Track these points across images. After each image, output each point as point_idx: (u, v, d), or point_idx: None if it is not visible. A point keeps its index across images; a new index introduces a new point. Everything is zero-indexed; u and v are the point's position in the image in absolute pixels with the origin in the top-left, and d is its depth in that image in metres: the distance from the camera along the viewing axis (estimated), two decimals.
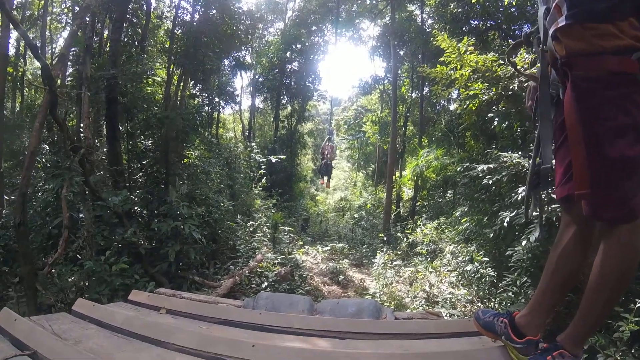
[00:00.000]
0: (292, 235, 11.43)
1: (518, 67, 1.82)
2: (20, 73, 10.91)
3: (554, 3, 1.30)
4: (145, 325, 1.73)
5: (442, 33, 7.17)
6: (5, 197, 4.89)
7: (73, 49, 6.15)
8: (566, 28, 1.26)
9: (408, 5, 13.96)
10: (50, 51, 11.19)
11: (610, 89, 1.20)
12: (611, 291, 1.29)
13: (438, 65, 7.21)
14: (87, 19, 5.27)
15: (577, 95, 1.26)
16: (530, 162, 1.64)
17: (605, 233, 1.29)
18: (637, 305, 2.70)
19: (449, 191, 11.71)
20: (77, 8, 5.41)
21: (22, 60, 11.16)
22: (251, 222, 10.42)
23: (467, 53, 6.38)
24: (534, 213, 1.81)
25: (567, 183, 1.40)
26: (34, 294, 3.31)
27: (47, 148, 6.20)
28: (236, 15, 11.38)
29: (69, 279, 3.88)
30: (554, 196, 1.59)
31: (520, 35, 1.58)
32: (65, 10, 11.30)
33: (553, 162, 1.52)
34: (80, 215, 4.40)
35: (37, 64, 13.26)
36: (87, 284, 4.04)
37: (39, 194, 5.45)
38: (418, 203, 13.26)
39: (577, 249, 1.44)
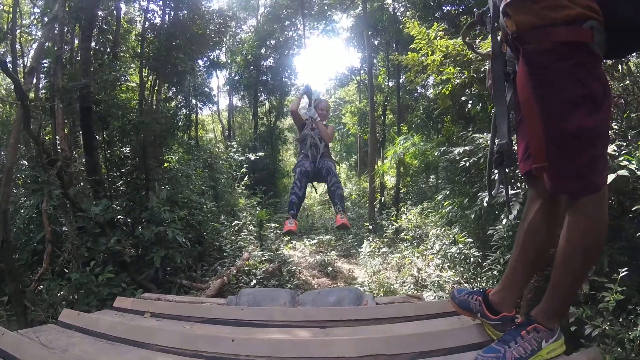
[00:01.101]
0: (278, 231, 11.46)
1: (474, 47, 1.83)
2: None
3: None
4: (129, 329, 1.77)
5: (413, 20, 7.24)
6: None
7: (44, 61, 6.05)
8: (515, 2, 1.26)
9: None
10: (22, 64, 10.92)
11: (562, 60, 1.19)
12: (579, 264, 1.32)
13: (409, 53, 7.29)
14: (56, 29, 5.17)
15: (530, 70, 1.26)
16: (489, 141, 1.67)
17: (570, 206, 1.31)
18: (621, 275, 2.78)
19: (432, 176, 11.87)
20: (46, 19, 5.30)
21: None
22: (236, 222, 10.42)
23: (438, 39, 6.46)
24: (501, 191, 1.86)
25: (529, 159, 1.40)
26: (24, 311, 3.30)
27: (26, 164, 6.10)
28: (207, 15, 11.26)
29: (58, 294, 3.87)
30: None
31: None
32: (35, 22, 11.03)
33: (513, 138, 1.54)
34: (64, 229, 4.37)
35: (9, 79, 13.02)
36: (76, 297, 4.03)
37: (22, 210, 5.38)
38: (402, 190, 13.42)
39: (544, 224, 1.47)
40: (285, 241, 11.25)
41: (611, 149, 3.30)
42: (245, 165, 14.20)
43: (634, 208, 3.00)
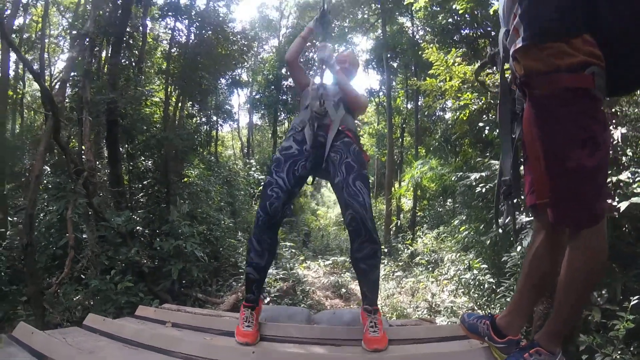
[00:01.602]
0: (293, 250, 11.47)
1: (486, 84, 1.96)
2: (19, 95, 11.03)
3: (512, 25, 1.40)
4: (153, 337, 1.84)
5: (431, 46, 7.35)
6: (8, 218, 4.99)
7: (72, 74, 6.32)
8: (524, 49, 1.34)
9: (398, 17, 14.22)
10: (49, 73, 11.37)
11: (566, 105, 1.27)
12: (579, 291, 1.38)
13: (427, 78, 7.39)
14: (86, 44, 5.43)
15: (535, 112, 1.35)
16: (491, 184, 1.75)
17: (571, 237, 1.38)
18: (632, 303, 2.77)
19: (449, 200, 11.80)
20: (74, 32, 5.58)
21: (21, 82, 11.28)
22: None
23: (456, 64, 6.54)
24: (509, 222, 1.92)
25: (534, 193, 1.49)
26: (42, 313, 3.40)
27: (49, 170, 6.34)
28: (231, 37, 11.63)
29: (74, 298, 3.97)
30: None
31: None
32: (63, 33, 11.55)
33: (521, 170, 1.62)
34: (84, 236, 4.51)
35: (35, 86, 13.55)
36: (91, 302, 4.13)
37: (41, 215, 5.57)
38: (419, 213, 13.34)
39: (548, 253, 1.54)
40: (300, 260, 11.26)
41: (625, 176, 3.31)
42: (262, 183, 14.37)
43: None
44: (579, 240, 1.35)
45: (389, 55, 14.26)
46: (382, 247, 11.57)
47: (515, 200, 1.68)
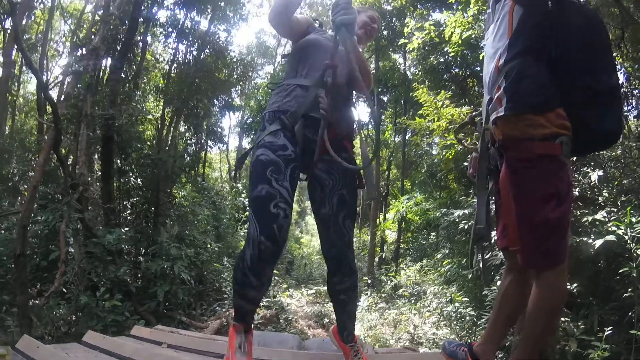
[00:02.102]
0: (276, 278, 11.42)
1: (463, 142, 2.21)
2: (14, 97, 10.96)
3: (496, 95, 1.61)
4: (152, 356, 1.90)
5: (422, 86, 7.69)
6: None
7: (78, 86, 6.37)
8: (504, 117, 1.55)
9: (391, 54, 14.74)
10: (45, 78, 11.32)
11: (536, 167, 1.50)
12: (542, 325, 1.57)
13: (417, 117, 7.70)
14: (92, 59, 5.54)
15: (510, 172, 1.58)
16: (473, 221, 1.95)
17: (536, 277, 1.58)
18: (606, 334, 3.01)
19: (432, 233, 11.99)
20: (82, 50, 5.68)
21: (15, 84, 11.21)
22: None
23: (444, 106, 6.85)
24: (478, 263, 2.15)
25: (505, 237, 1.73)
26: (29, 324, 3.37)
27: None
28: (231, 64, 11.90)
29: (56, 312, 3.93)
30: None
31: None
32: (64, 39, 11.60)
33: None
34: (71, 250, 4.49)
35: (29, 88, 13.50)
36: (74, 318, 4.10)
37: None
38: (402, 246, 13.48)
39: (516, 290, 1.75)
40: (283, 289, 11.19)
41: (600, 215, 3.56)
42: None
43: (620, 270, 3.20)
44: (543, 280, 1.55)
45: (379, 90, 14.68)
46: (365, 278, 11.64)
47: (487, 243, 1.89)
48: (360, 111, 2.15)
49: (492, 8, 1.79)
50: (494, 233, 2.07)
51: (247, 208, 1.74)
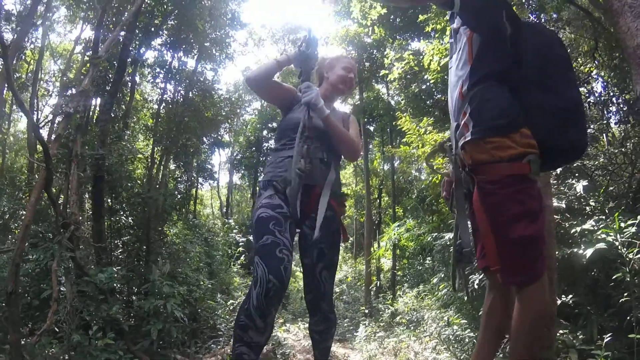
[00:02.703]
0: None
1: (434, 168, 2.29)
2: (4, 136, 10.97)
3: (462, 121, 1.70)
4: None
5: (405, 115, 7.91)
6: None
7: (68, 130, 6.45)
8: (472, 142, 1.64)
9: (375, 84, 15.17)
10: (35, 117, 11.38)
11: (506, 188, 1.57)
12: (527, 338, 1.60)
13: (401, 145, 7.90)
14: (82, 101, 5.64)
15: (482, 195, 1.63)
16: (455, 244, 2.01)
17: (517, 293, 1.63)
18: (605, 341, 3.02)
19: (428, 258, 11.95)
20: (72, 91, 5.80)
21: (6, 122, 11.28)
22: (231, 301, 10.25)
23: (427, 133, 7.03)
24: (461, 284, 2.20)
25: (484, 257, 1.77)
26: None
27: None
28: (218, 103, 12.15)
29: (50, 352, 3.83)
30: None
31: None
32: (54, 79, 11.78)
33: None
34: (62, 289, 4.43)
35: (19, 127, 13.56)
36: (66, 357, 3.99)
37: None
38: (399, 273, 13.40)
39: (499, 308, 1.79)
40: (280, 323, 10.96)
41: (589, 224, 3.63)
42: (241, 244, 14.27)
43: (614, 276, 3.25)
44: (524, 295, 1.60)
45: (365, 120, 15.02)
46: (363, 308, 11.48)
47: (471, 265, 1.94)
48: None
49: (453, 38, 1.90)
50: None
51: (253, 256, 1.89)
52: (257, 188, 2.19)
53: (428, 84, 9.53)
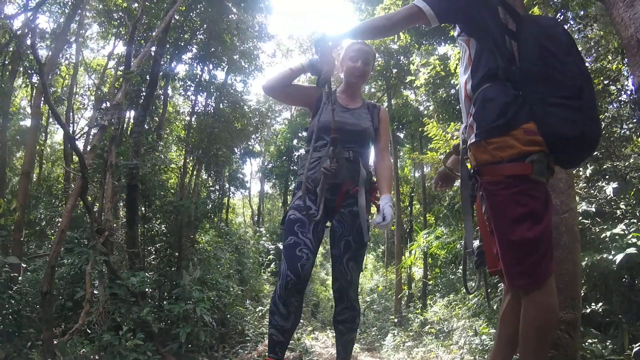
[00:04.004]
0: (302, 321, 11.26)
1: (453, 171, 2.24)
2: (41, 147, 11.66)
3: (468, 122, 1.72)
4: None
5: (432, 120, 7.83)
6: (22, 264, 5.16)
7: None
8: (475, 144, 1.64)
9: (403, 91, 15.09)
10: (71, 130, 11.93)
11: (507, 188, 1.55)
12: (533, 343, 1.57)
13: (428, 152, 7.80)
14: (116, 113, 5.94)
15: (485, 196, 1.62)
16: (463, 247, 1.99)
17: (523, 296, 1.60)
18: (635, 350, 2.92)
19: (460, 267, 11.65)
20: (106, 104, 6.11)
21: (43, 134, 11.87)
22: (260, 307, 10.39)
23: (453, 138, 6.92)
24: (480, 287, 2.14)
25: (492, 260, 1.74)
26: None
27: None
28: (249, 114, 12.46)
29: (81, 351, 4.04)
30: None
31: None
32: (89, 92, 12.43)
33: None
34: (95, 292, 4.66)
35: (55, 138, 14.33)
36: (97, 357, 4.19)
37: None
38: (430, 282, 13.14)
39: (513, 312, 1.73)
40: (308, 331, 10.99)
41: (620, 229, 3.46)
42: (272, 252, 14.46)
43: None
44: (529, 298, 1.57)
45: (395, 127, 14.93)
46: (392, 317, 11.32)
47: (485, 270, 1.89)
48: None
49: (458, 42, 1.91)
50: None
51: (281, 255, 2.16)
52: (289, 196, 2.33)
53: (456, 88, 9.38)
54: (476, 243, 1.85)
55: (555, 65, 1.56)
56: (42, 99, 6.19)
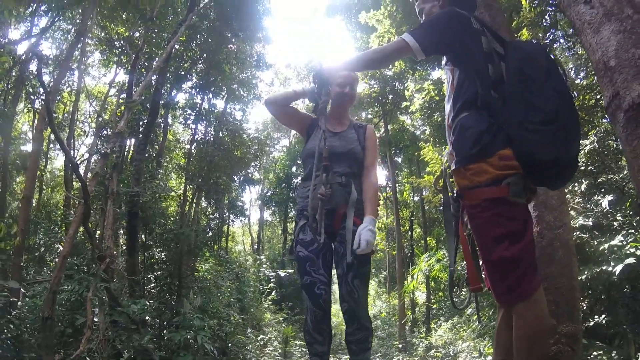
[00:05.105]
0: (303, 349, 11.05)
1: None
2: (41, 172, 11.60)
3: (450, 150, 1.83)
4: None
5: (427, 144, 7.94)
6: (22, 290, 5.11)
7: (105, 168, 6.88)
8: (455, 170, 1.75)
9: (399, 116, 15.32)
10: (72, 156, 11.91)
11: (487, 211, 1.63)
12: (527, 352, 1.62)
13: (425, 175, 7.89)
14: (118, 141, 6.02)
15: (468, 218, 1.73)
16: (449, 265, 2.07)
17: (512, 310, 1.67)
18: None
19: (464, 289, 11.54)
20: (107, 131, 6.21)
21: (43, 159, 11.85)
22: (261, 336, 10.22)
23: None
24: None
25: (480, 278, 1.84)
26: None
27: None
28: (247, 142, 12.62)
29: None
30: None
31: None
32: (90, 119, 12.56)
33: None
34: (95, 320, 4.61)
35: (55, 164, 14.33)
36: None
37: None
38: (434, 306, 12.97)
39: (506, 326, 1.77)
40: None
41: (617, 240, 3.49)
42: (272, 280, 14.33)
43: None
44: (517, 313, 1.63)
45: (392, 152, 15.08)
46: (396, 342, 11.10)
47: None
48: None
49: (444, 70, 2.02)
50: None
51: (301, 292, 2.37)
52: (292, 223, 2.48)
53: None
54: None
55: (532, 89, 1.64)
56: (45, 124, 6.29)
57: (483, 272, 1.85)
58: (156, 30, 8.49)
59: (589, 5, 1.85)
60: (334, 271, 2.40)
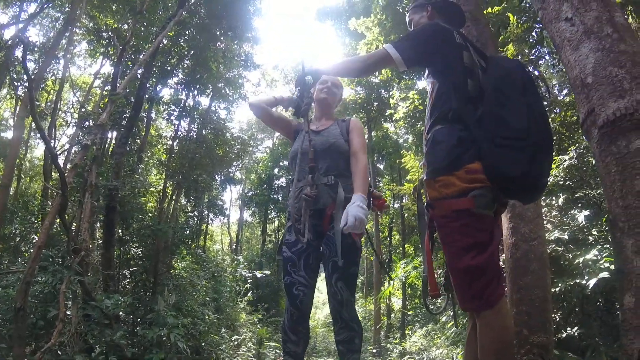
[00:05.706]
0: (277, 351, 11.00)
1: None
2: (20, 161, 11.32)
3: (423, 161, 1.89)
4: None
5: (409, 153, 8.07)
6: None
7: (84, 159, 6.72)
8: (426, 181, 1.81)
9: (383, 123, 15.49)
10: (53, 145, 11.60)
11: (455, 221, 1.69)
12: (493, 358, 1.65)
13: (405, 183, 8.01)
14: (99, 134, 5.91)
15: (437, 227, 1.79)
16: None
17: (477, 318, 1.71)
18: None
19: (441, 297, 11.66)
20: (90, 123, 6.08)
21: (23, 147, 11.55)
22: (236, 337, 10.13)
23: None
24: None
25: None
26: None
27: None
28: (230, 141, 12.54)
29: None
30: None
31: None
32: (72, 110, 12.27)
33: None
34: (68, 313, 4.51)
35: (35, 153, 13.96)
36: None
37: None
38: (410, 312, 13.11)
39: (475, 335, 1.80)
40: None
41: (592, 254, 3.59)
42: (249, 281, 14.23)
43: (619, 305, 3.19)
44: (482, 320, 1.68)
45: (375, 158, 15.22)
46: (371, 347, 11.16)
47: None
48: None
49: (427, 82, 2.07)
50: None
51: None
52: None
53: None
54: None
55: (506, 105, 1.68)
56: (27, 112, 6.13)
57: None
58: (145, 24, 8.39)
59: (569, 22, 1.92)
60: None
